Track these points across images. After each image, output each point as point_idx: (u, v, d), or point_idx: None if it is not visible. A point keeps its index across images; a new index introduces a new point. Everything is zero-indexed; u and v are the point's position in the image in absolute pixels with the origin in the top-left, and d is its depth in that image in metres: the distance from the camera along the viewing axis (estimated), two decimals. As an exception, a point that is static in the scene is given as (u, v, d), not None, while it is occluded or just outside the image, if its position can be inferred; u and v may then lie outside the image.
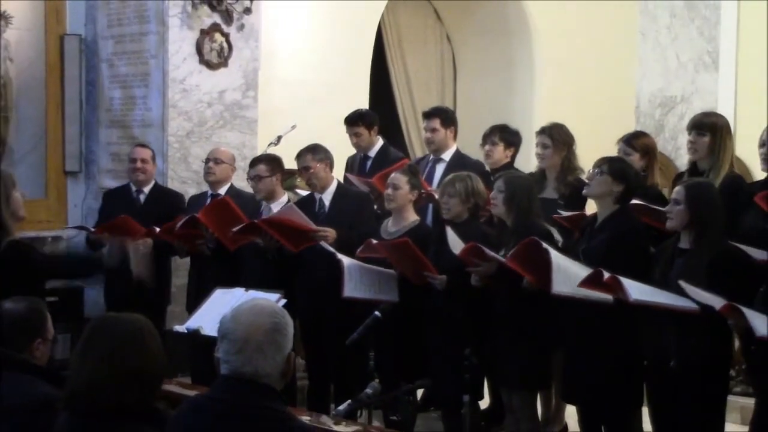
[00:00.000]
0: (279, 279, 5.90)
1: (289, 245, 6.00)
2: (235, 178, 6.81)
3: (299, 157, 6.30)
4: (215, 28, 7.48)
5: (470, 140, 7.34)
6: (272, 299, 4.33)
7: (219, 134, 7.56)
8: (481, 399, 5.80)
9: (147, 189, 6.84)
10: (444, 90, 10.12)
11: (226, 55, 7.52)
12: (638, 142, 5.81)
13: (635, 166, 5.49)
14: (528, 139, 6.77)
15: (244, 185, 6.77)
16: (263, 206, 6.37)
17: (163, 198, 6.87)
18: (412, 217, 5.92)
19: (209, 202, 6.45)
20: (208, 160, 6.70)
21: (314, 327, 6.18)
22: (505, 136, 6.63)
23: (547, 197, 5.88)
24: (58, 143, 7.81)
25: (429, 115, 6.82)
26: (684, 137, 5.83)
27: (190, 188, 7.27)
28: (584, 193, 5.28)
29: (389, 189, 5.87)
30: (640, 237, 5.04)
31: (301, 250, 6.03)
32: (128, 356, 2.97)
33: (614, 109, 9.67)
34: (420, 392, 6.01)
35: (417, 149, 9.56)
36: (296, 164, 6.37)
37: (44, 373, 3.56)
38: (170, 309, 6.88)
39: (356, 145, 7.17)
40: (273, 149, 7.13)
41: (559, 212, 5.69)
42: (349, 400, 4.20)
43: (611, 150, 5.72)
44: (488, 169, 6.55)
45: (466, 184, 5.57)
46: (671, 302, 4.46)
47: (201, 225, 6.23)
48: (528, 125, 7.71)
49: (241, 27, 7.59)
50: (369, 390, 4.20)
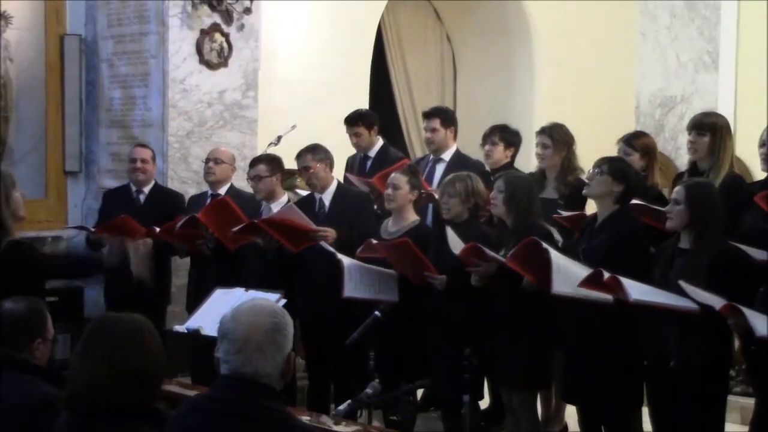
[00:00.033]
0: (279, 279, 5.90)
1: (289, 245, 6.00)
2: (235, 178, 6.81)
3: (299, 157, 6.30)
4: (215, 28, 7.48)
5: (470, 140, 7.34)
6: (272, 299, 4.33)
7: (219, 134, 7.56)
8: (481, 399, 5.80)
9: (147, 189, 6.84)
10: (444, 90, 10.11)
11: (226, 55, 7.52)
12: (638, 142, 5.81)
13: (635, 166, 5.49)
14: (528, 139, 6.77)
15: (244, 185, 6.77)
16: (263, 206, 6.37)
17: (163, 198, 6.87)
18: (412, 217, 5.92)
19: (209, 202, 6.45)
20: (208, 160, 6.70)
21: (314, 327, 6.17)
22: (505, 136, 6.63)
23: (547, 197, 5.88)
24: (58, 143, 7.81)
25: (429, 115, 6.82)
26: (684, 137, 5.83)
27: (190, 188, 7.27)
28: (584, 193, 5.28)
29: (389, 189, 5.87)
30: (640, 237, 5.04)
31: (301, 250, 6.02)
32: (128, 356, 2.97)
33: (614, 109, 9.66)
34: (420, 392, 6.02)
35: (417, 149, 9.56)
36: (296, 164, 6.37)
37: (44, 373, 3.55)
38: (170, 309, 6.89)
39: (356, 145, 7.17)
40: (273, 149, 7.12)
41: (559, 212, 5.69)
42: (349, 400, 4.20)
43: (611, 150, 5.72)
44: (488, 169, 6.55)
45: (466, 184, 5.57)
46: (671, 302, 4.46)
47: (201, 225, 6.24)
48: (528, 125, 7.70)
49: (241, 27, 7.59)
50: (369, 390, 4.20)
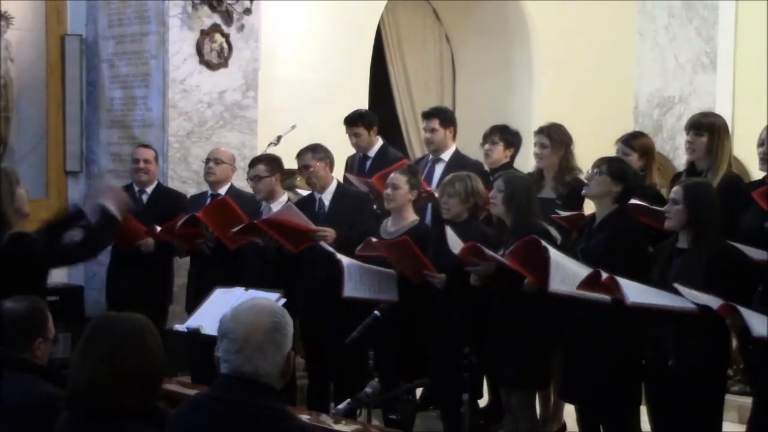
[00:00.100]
0: (279, 279, 5.90)
1: (288, 245, 6.00)
2: (235, 178, 6.82)
3: (299, 155, 6.31)
4: (215, 28, 7.49)
5: (469, 140, 7.35)
6: (272, 299, 4.34)
7: (219, 134, 7.57)
8: (480, 398, 5.80)
9: (149, 189, 6.86)
10: (443, 90, 10.10)
11: (226, 55, 7.53)
12: (637, 142, 5.82)
13: (634, 166, 5.49)
14: (527, 139, 6.78)
15: (244, 185, 6.78)
16: (263, 206, 6.37)
17: (165, 198, 6.88)
18: (412, 216, 5.93)
19: (209, 202, 6.46)
20: (208, 160, 6.71)
21: (314, 326, 6.18)
22: (506, 136, 6.64)
23: (545, 197, 5.88)
24: (58, 143, 7.82)
25: (428, 115, 6.81)
26: (682, 137, 5.84)
27: (190, 188, 7.28)
28: (583, 193, 5.27)
29: (389, 189, 5.87)
30: (639, 237, 5.04)
31: (300, 250, 6.03)
32: (128, 356, 2.97)
33: (613, 110, 9.66)
34: (419, 391, 6.04)
35: (416, 149, 9.55)
36: (296, 163, 6.38)
37: (45, 373, 3.56)
38: (171, 308, 6.90)
39: (356, 145, 7.17)
40: (273, 149, 7.13)
41: (557, 212, 5.71)
42: (348, 399, 4.20)
43: (610, 150, 5.72)
44: (487, 168, 6.55)
45: (466, 184, 5.57)
46: (669, 303, 4.45)
47: (201, 224, 6.25)
48: (527, 125, 7.72)
49: (241, 27, 7.60)
50: (368, 389, 4.20)
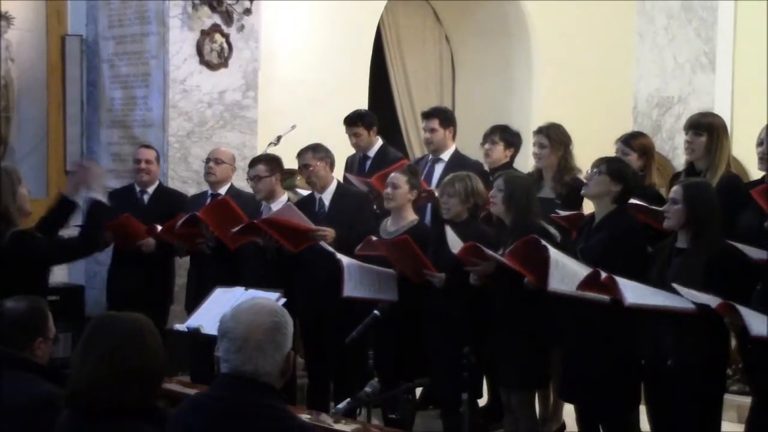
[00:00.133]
0: (279, 278, 5.91)
1: (288, 245, 6.00)
2: (235, 178, 6.82)
3: (300, 154, 6.31)
4: (215, 28, 7.50)
5: (469, 140, 7.36)
6: (272, 298, 4.35)
7: (219, 134, 7.58)
8: (480, 398, 5.79)
9: (151, 189, 6.87)
10: (443, 90, 10.10)
11: (226, 55, 7.54)
12: (636, 142, 5.82)
13: (633, 166, 5.50)
14: (526, 139, 6.79)
15: (244, 185, 6.79)
16: (263, 206, 6.38)
17: (166, 198, 6.89)
18: (411, 216, 5.93)
19: (210, 202, 6.46)
20: (208, 160, 6.71)
21: (314, 326, 6.18)
22: (506, 136, 6.64)
23: (544, 197, 5.89)
24: (59, 143, 7.84)
25: (428, 115, 6.81)
26: (681, 137, 5.84)
27: (190, 188, 7.29)
28: (582, 193, 5.27)
29: (389, 188, 5.87)
30: (638, 237, 5.03)
31: (300, 250, 6.03)
32: (128, 355, 2.98)
33: (612, 110, 9.66)
34: (419, 391, 6.04)
35: (416, 149, 9.55)
36: (297, 162, 6.38)
37: (45, 372, 3.57)
38: (172, 308, 6.90)
39: (355, 145, 7.17)
40: (273, 149, 7.13)
41: (556, 212, 5.71)
42: (348, 399, 4.21)
43: (609, 150, 5.73)
44: (487, 168, 6.56)
45: (466, 184, 5.57)
46: (668, 303, 4.45)
47: (201, 223, 6.26)
48: (526, 125, 7.73)
49: (241, 28, 7.61)
50: (368, 388, 4.20)
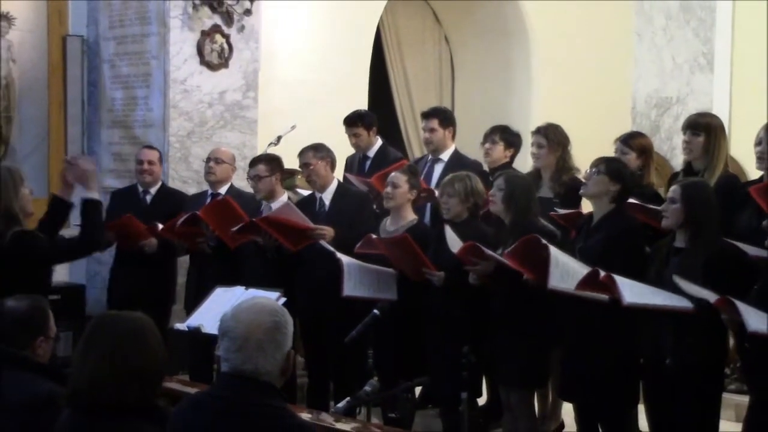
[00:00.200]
0: (279, 278, 5.91)
1: (287, 244, 6.01)
2: (235, 178, 6.83)
3: (301, 153, 6.32)
4: (216, 29, 7.52)
5: (468, 140, 7.37)
6: (272, 298, 4.36)
7: (219, 134, 7.60)
8: (480, 396, 5.79)
9: (153, 190, 6.87)
10: (442, 90, 10.11)
11: (226, 56, 7.57)
12: (635, 141, 5.82)
13: (632, 166, 5.51)
14: (525, 140, 6.80)
15: (244, 185, 6.80)
16: (263, 206, 6.38)
17: (169, 198, 6.89)
18: (411, 216, 5.93)
19: (210, 202, 6.47)
20: (208, 160, 6.72)
21: (314, 325, 6.19)
22: (506, 136, 6.65)
23: (543, 196, 5.89)
24: (60, 143, 7.84)
25: (427, 115, 6.82)
26: (679, 137, 5.86)
27: (190, 188, 7.30)
28: (581, 192, 5.28)
29: (388, 187, 5.87)
30: (637, 236, 5.04)
31: (300, 249, 6.03)
32: (129, 354, 2.99)
33: (611, 110, 9.67)
34: (418, 390, 6.06)
35: (416, 149, 9.56)
36: (298, 161, 6.39)
37: (46, 371, 3.58)
38: (173, 308, 6.91)
39: (355, 145, 7.18)
40: (273, 149, 7.14)
41: (555, 210, 5.73)
42: (348, 398, 4.22)
43: (608, 150, 5.73)
44: (486, 168, 6.57)
45: (465, 183, 5.57)
46: (666, 302, 4.46)
47: (202, 223, 6.27)
48: (525, 125, 7.72)
49: (242, 28, 7.63)
50: (368, 387, 4.21)
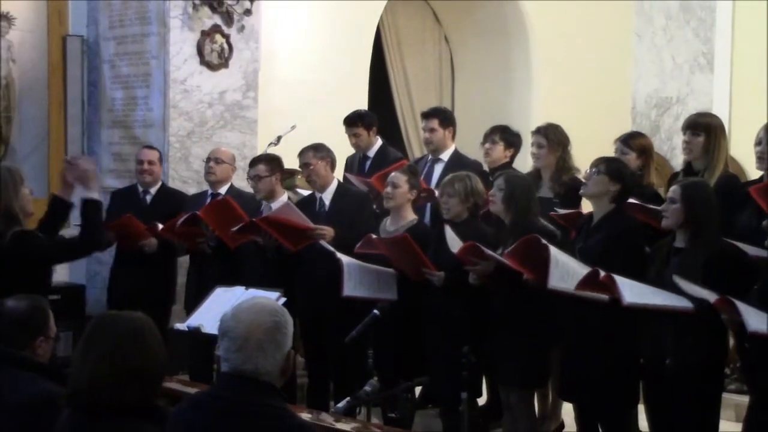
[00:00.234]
0: (279, 278, 5.92)
1: (287, 244, 6.01)
2: (235, 178, 6.83)
3: (301, 153, 6.32)
4: (216, 29, 7.53)
5: (468, 140, 7.38)
6: (272, 298, 4.36)
7: (219, 134, 7.60)
8: (480, 396, 5.79)
9: (154, 190, 6.88)
10: (442, 90, 10.12)
11: (226, 56, 7.57)
12: (635, 141, 5.83)
13: (632, 166, 5.51)
14: (526, 140, 6.81)
15: (244, 185, 6.80)
16: (263, 206, 6.39)
17: (169, 198, 6.90)
18: (411, 216, 5.94)
19: (210, 202, 6.46)
20: (209, 160, 6.72)
21: (314, 325, 6.19)
22: (506, 136, 6.65)
23: (543, 196, 5.89)
24: (60, 143, 7.85)
25: (427, 115, 6.82)
26: (679, 137, 5.86)
27: (190, 188, 7.31)
28: (581, 192, 5.28)
29: (388, 187, 5.88)
30: (637, 237, 5.04)
31: (300, 249, 6.04)
32: (129, 354, 3.00)
33: (611, 110, 9.68)
34: (418, 390, 6.07)
35: (416, 149, 9.57)
36: (298, 161, 6.40)
37: (46, 371, 3.59)
38: (173, 308, 6.92)
39: (355, 145, 7.19)
40: (273, 149, 7.15)
41: (555, 210, 5.74)
42: (348, 398, 4.23)
43: (608, 150, 5.74)
44: (486, 168, 6.58)
45: (465, 183, 5.57)
46: (666, 302, 4.46)
47: (202, 223, 6.27)
48: (525, 125, 7.72)
49: (242, 28, 7.64)
50: (368, 387, 4.22)
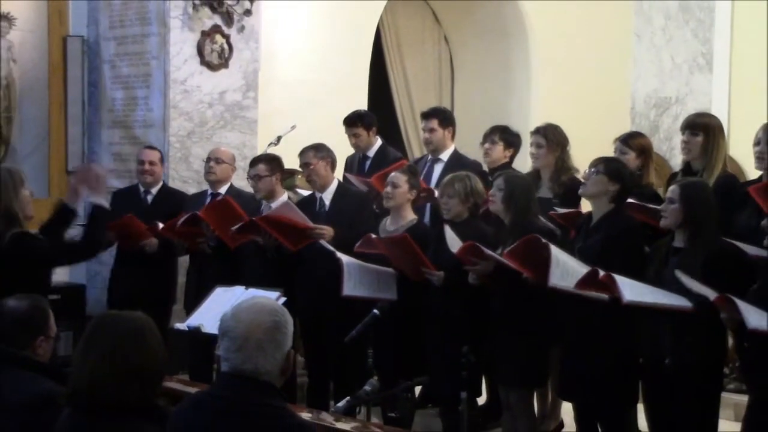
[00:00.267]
0: (279, 277, 5.92)
1: (287, 243, 6.02)
2: (234, 178, 6.84)
3: (302, 153, 6.33)
4: (216, 29, 7.54)
5: (468, 141, 7.38)
6: (272, 297, 4.36)
7: (219, 134, 7.61)
8: (479, 396, 5.80)
9: (155, 190, 6.88)
10: (442, 90, 10.12)
11: (226, 56, 7.58)
12: (635, 141, 5.83)
13: (631, 165, 5.52)
14: (525, 140, 6.81)
15: (244, 185, 6.81)
16: (263, 205, 6.40)
17: (170, 198, 6.90)
18: (410, 216, 5.94)
19: (210, 202, 6.48)
20: (209, 160, 6.73)
21: (314, 325, 6.20)
22: (506, 136, 6.66)
23: (542, 197, 5.90)
24: (60, 143, 7.86)
25: (427, 115, 6.83)
26: (679, 138, 5.85)
27: (191, 188, 7.31)
28: (580, 192, 5.29)
29: (388, 187, 5.89)
30: (636, 236, 5.05)
31: (300, 249, 6.05)
32: (129, 354, 3.00)
33: (610, 110, 9.68)
34: (418, 389, 6.07)
35: (415, 149, 9.57)
36: (299, 161, 6.40)
37: (46, 370, 3.59)
38: (174, 308, 6.93)
39: (355, 145, 7.19)
40: (273, 149, 7.16)
41: (554, 209, 5.74)
42: (348, 397, 4.23)
43: (607, 150, 5.74)
44: (486, 168, 6.59)
45: (465, 183, 5.58)
46: (665, 301, 4.47)
47: (202, 223, 6.28)
48: (525, 125, 7.73)
49: (242, 29, 7.64)
50: (368, 387, 4.22)
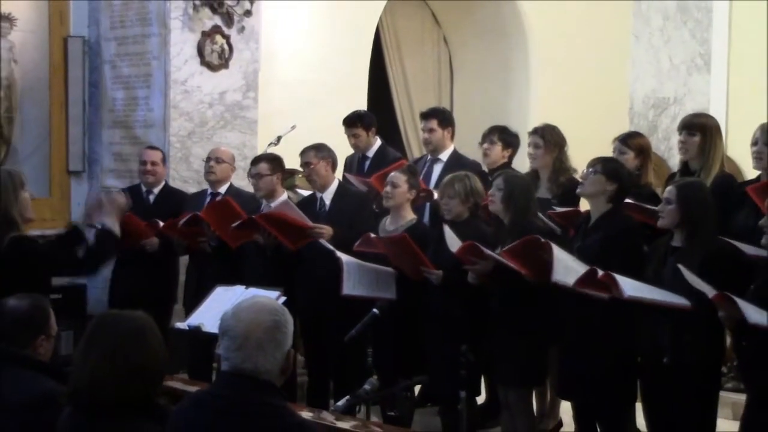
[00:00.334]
0: (279, 277, 5.93)
1: (286, 242, 6.03)
2: (234, 178, 6.85)
3: (303, 153, 6.34)
4: (216, 30, 7.55)
5: (467, 141, 7.40)
6: (272, 297, 4.37)
7: (220, 134, 7.63)
8: (478, 395, 5.82)
9: (157, 189, 6.90)
10: (441, 91, 10.13)
11: (226, 56, 7.60)
12: (633, 141, 5.85)
13: (629, 165, 5.53)
14: (524, 140, 6.83)
15: (244, 185, 6.82)
16: (263, 205, 6.41)
17: (171, 198, 6.91)
18: (410, 215, 5.96)
19: (211, 202, 6.49)
20: (209, 159, 6.73)
21: (314, 324, 6.21)
22: (504, 136, 6.67)
23: (541, 197, 5.90)
24: (61, 143, 7.87)
25: (426, 115, 6.84)
26: (677, 138, 5.88)
27: (191, 188, 7.31)
28: (578, 192, 5.30)
29: (388, 187, 5.90)
30: (634, 236, 5.06)
31: (300, 248, 6.06)
32: (130, 353, 3.02)
33: (608, 110, 9.68)
34: (417, 388, 6.09)
35: (415, 150, 9.59)
36: (299, 160, 6.41)
37: (47, 369, 3.60)
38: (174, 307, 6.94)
39: (355, 145, 7.20)
40: (273, 149, 7.17)
41: (553, 208, 5.76)
42: (347, 396, 4.23)
43: (606, 150, 5.75)
44: (485, 168, 6.60)
45: (465, 184, 5.59)
46: (665, 299, 4.48)
47: (203, 223, 6.29)
48: (524, 126, 7.73)
49: (242, 29, 7.66)
50: (367, 386, 4.23)
